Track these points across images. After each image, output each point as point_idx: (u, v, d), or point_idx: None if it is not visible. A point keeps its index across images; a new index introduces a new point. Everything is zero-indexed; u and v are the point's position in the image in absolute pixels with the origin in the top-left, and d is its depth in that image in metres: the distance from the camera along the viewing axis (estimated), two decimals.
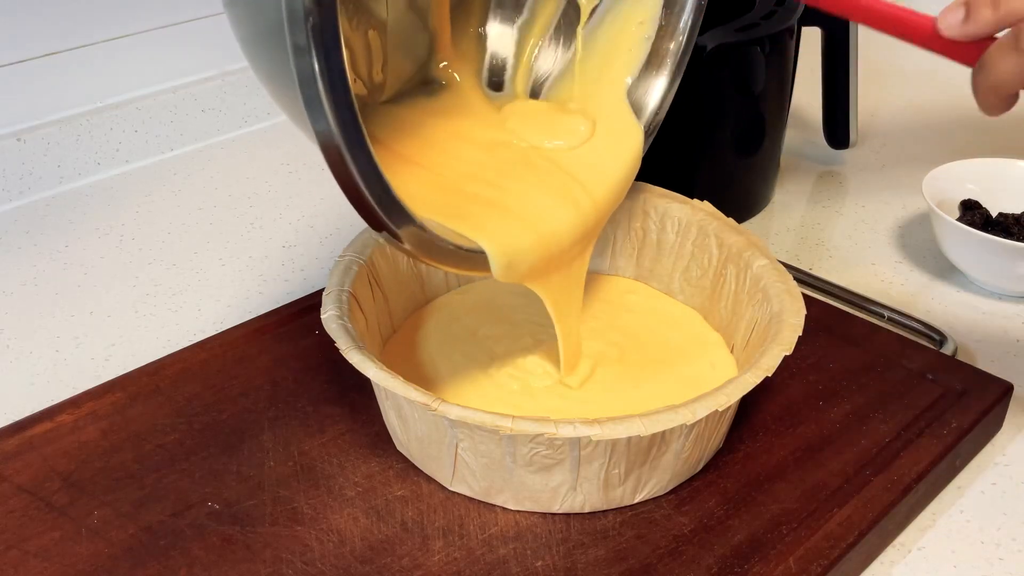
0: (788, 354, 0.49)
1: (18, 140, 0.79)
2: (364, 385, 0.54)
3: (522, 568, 0.46)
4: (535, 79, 0.61)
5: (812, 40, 0.80)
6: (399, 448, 0.52)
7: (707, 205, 0.61)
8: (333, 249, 0.74)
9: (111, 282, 0.71)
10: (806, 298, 0.54)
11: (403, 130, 0.54)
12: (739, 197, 0.77)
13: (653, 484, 0.49)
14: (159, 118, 0.86)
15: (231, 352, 0.59)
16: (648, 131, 0.58)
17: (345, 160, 0.41)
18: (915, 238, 0.75)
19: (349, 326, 0.50)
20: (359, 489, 0.50)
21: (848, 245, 0.75)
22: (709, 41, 0.68)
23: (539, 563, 0.46)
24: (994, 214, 0.71)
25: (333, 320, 0.51)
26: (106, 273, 0.72)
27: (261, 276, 0.71)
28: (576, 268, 0.56)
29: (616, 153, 0.56)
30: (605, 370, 0.56)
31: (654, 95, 0.58)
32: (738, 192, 0.77)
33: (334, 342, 0.49)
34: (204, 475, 0.51)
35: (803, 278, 0.69)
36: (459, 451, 0.48)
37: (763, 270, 0.56)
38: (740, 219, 0.65)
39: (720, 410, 0.46)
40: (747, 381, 0.48)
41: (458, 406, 0.46)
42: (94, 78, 0.83)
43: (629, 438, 0.45)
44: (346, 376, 0.55)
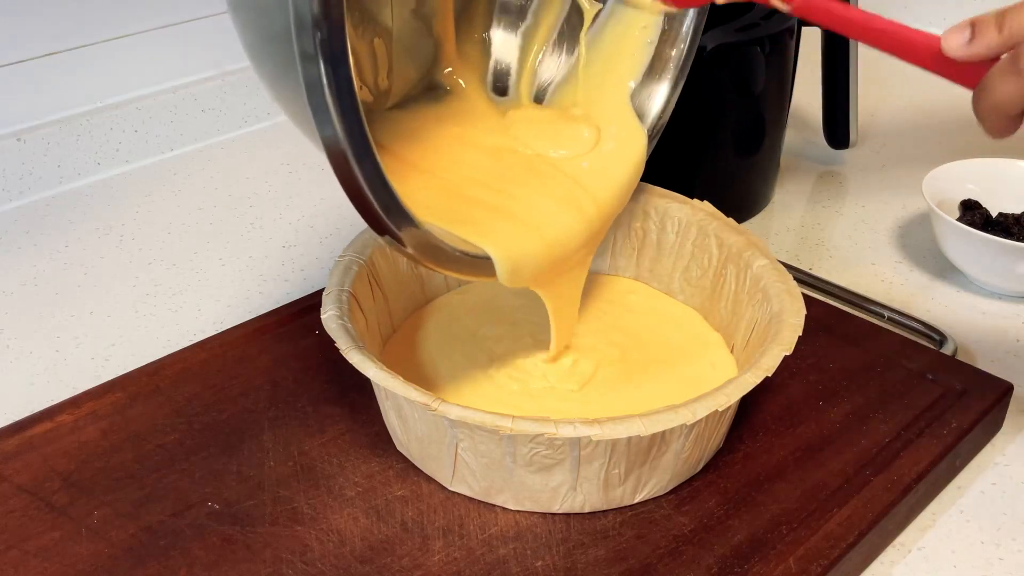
0: (788, 354, 0.49)
1: (18, 140, 0.79)
2: (364, 385, 0.54)
3: (522, 568, 0.46)
4: (539, 84, 0.61)
5: (812, 40, 0.80)
6: (399, 448, 0.53)
7: (707, 205, 0.61)
8: (333, 249, 0.74)
9: (111, 282, 0.71)
10: (806, 298, 0.54)
11: (409, 136, 0.54)
12: (739, 197, 0.77)
13: (653, 484, 0.49)
14: (159, 118, 0.86)
15: (231, 352, 0.59)
16: (651, 135, 0.58)
17: (351, 167, 0.41)
18: (915, 238, 0.75)
19: (349, 326, 0.50)
20: (359, 489, 0.50)
21: (848, 245, 0.75)
22: (709, 41, 0.68)
23: (539, 563, 0.46)
24: (994, 214, 0.71)
25: (333, 320, 0.51)
26: (106, 273, 0.72)
27: (261, 276, 0.71)
28: (579, 270, 0.56)
29: (620, 158, 0.56)
30: (605, 370, 0.56)
31: (657, 100, 0.59)
32: (738, 192, 0.77)
33: (334, 342, 0.49)
34: (204, 475, 0.51)
35: (803, 278, 0.69)
36: (459, 451, 0.48)
37: (763, 270, 0.56)
38: (740, 219, 0.65)
39: (720, 410, 0.46)
40: (747, 381, 0.48)
41: (458, 406, 0.46)
42: (94, 78, 0.83)
43: (629, 438, 0.45)
44: (346, 376, 0.55)
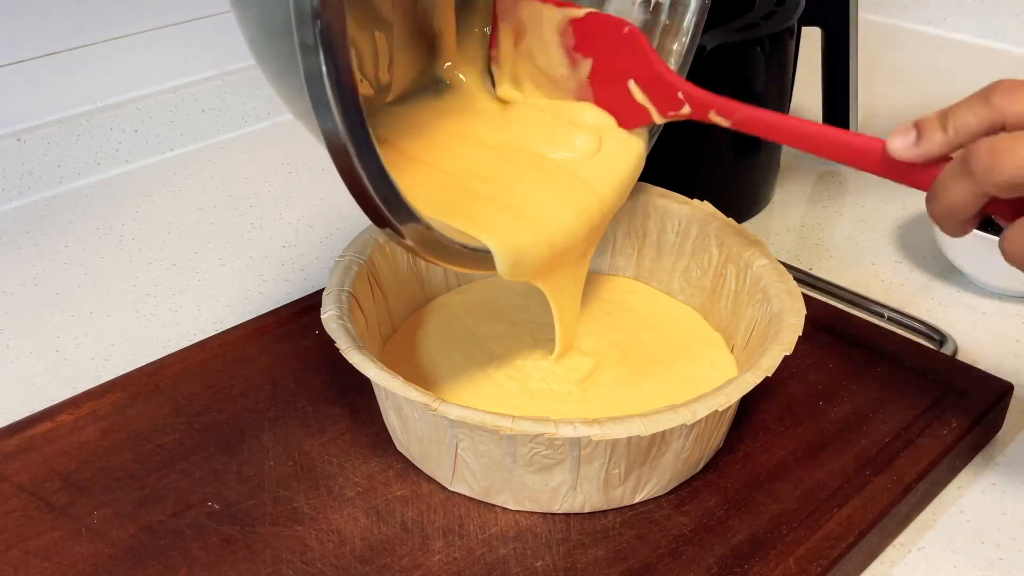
0: (788, 354, 0.49)
1: (18, 140, 0.79)
2: (364, 385, 0.54)
3: (522, 568, 0.46)
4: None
5: (812, 40, 0.80)
6: (399, 448, 0.52)
7: (707, 205, 0.60)
8: (333, 249, 0.74)
9: (111, 282, 0.71)
10: (806, 298, 0.54)
11: (409, 130, 0.54)
12: (739, 197, 0.77)
13: (653, 484, 0.49)
14: (159, 118, 0.86)
15: (231, 352, 0.59)
16: (652, 131, 0.58)
17: (352, 159, 0.41)
18: (915, 238, 0.75)
19: (349, 326, 0.50)
20: (359, 489, 0.50)
21: (848, 245, 0.75)
22: (709, 41, 0.68)
23: (539, 563, 0.46)
24: None
25: (333, 320, 0.51)
26: (106, 273, 0.72)
27: (261, 276, 0.71)
28: (580, 265, 0.56)
29: (620, 152, 0.56)
30: (606, 370, 0.56)
31: None
32: (738, 192, 0.77)
33: (334, 342, 0.49)
34: (204, 475, 0.51)
35: (803, 278, 0.69)
36: (459, 451, 0.48)
37: (763, 270, 0.56)
38: (740, 219, 0.65)
39: (720, 410, 0.46)
40: (747, 381, 0.48)
41: (458, 406, 0.45)
42: (94, 78, 0.83)
43: (629, 438, 0.45)
44: (346, 376, 0.55)
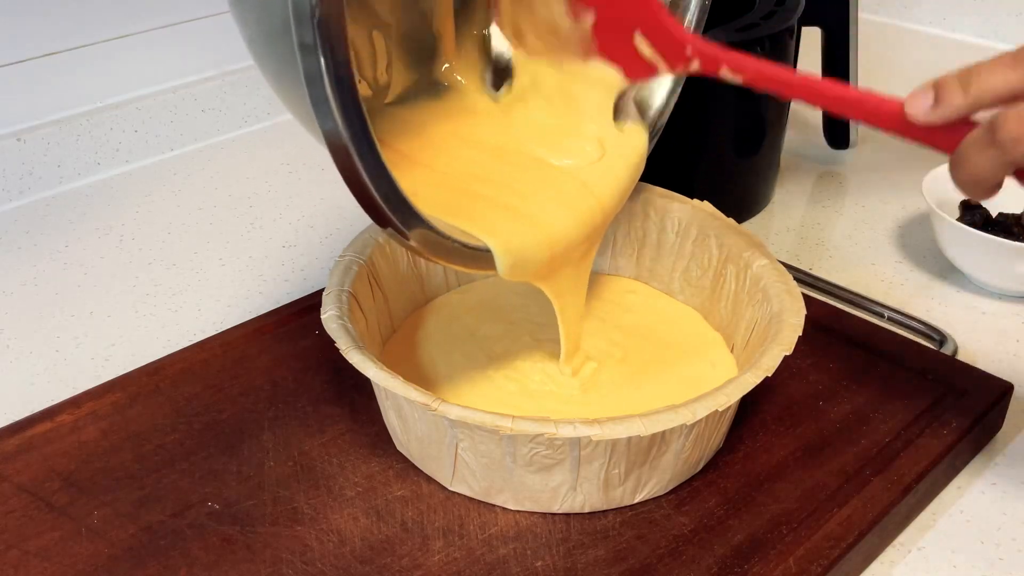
0: (788, 354, 0.49)
1: (18, 140, 0.79)
2: (364, 385, 0.54)
3: (522, 568, 0.46)
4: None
5: (812, 40, 0.80)
6: (399, 448, 0.52)
7: (707, 205, 0.60)
8: (333, 249, 0.74)
9: (111, 282, 0.71)
10: (806, 298, 0.54)
11: (408, 132, 0.54)
12: (739, 197, 0.77)
13: (653, 484, 0.49)
14: (159, 118, 0.86)
15: (231, 352, 0.59)
16: (653, 132, 0.58)
17: (352, 158, 0.41)
18: (915, 238, 0.75)
19: (349, 326, 0.50)
20: (359, 489, 0.50)
21: (848, 245, 0.75)
22: None
23: (539, 563, 0.46)
24: (994, 214, 0.71)
25: (333, 320, 0.51)
26: (106, 273, 0.72)
27: (261, 276, 0.71)
28: (582, 266, 0.56)
29: (621, 154, 0.56)
30: (605, 370, 0.56)
31: (658, 95, 0.58)
32: (738, 192, 0.77)
33: (334, 342, 0.49)
34: (204, 475, 0.51)
35: (803, 278, 0.69)
36: (459, 451, 0.48)
37: (763, 270, 0.56)
38: (740, 219, 0.65)
39: (720, 410, 0.46)
40: (747, 381, 0.48)
41: (458, 406, 0.45)
42: (94, 78, 0.83)
43: (629, 438, 0.45)
44: (346, 376, 0.55)
